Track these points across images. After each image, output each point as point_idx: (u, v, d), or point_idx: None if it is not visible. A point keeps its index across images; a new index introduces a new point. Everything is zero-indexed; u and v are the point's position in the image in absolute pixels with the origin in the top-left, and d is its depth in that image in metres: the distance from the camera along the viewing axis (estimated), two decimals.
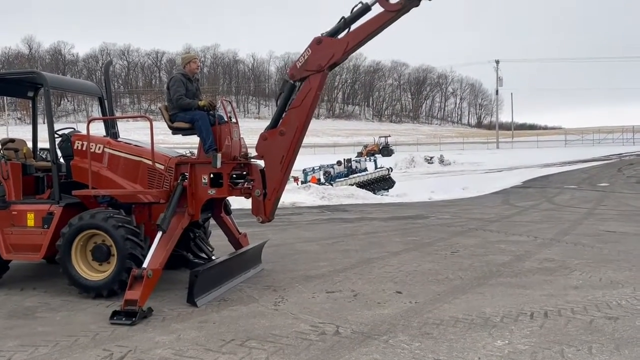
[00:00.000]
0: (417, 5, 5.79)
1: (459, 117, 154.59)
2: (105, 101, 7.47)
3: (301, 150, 6.51)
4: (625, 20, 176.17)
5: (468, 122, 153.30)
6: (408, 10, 5.83)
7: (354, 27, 5.98)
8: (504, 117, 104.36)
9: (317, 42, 5.98)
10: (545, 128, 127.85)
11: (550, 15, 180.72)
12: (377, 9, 5.90)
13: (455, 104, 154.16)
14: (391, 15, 5.82)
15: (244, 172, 6.53)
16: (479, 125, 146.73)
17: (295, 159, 6.37)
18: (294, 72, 6.10)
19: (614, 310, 5.14)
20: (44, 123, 6.84)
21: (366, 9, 5.90)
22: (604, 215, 12.18)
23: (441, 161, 35.53)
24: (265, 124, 6.67)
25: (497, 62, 69.48)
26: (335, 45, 5.97)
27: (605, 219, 11.45)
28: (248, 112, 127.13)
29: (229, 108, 6.53)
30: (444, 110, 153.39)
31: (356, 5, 5.94)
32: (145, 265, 5.49)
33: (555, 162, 34.08)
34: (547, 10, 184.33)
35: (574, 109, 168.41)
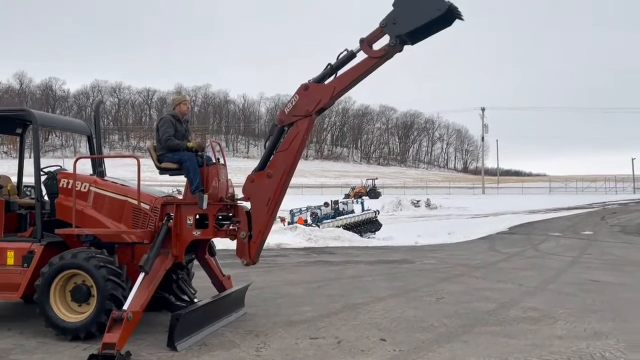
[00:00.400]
0: (400, 51, 5.97)
1: (445, 161, 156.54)
2: (94, 139, 7.49)
3: (288, 190, 6.54)
4: (609, 72, 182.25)
5: (454, 166, 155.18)
6: (391, 56, 6.00)
7: (340, 72, 6.14)
8: (490, 163, 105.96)
9: (305, 88, 6.11)
10: (530, 175, 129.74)
11: (536, 66, 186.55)
12: (362, 56, 6.07)
13: (442, 148, 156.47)
14: (375, 61, 5.98)
15: (230, 214, 6.52)
16: (465, 170, 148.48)
17: (281, 201, 6.39)
18: (282, 118, 6.20)
19: None
20: (30, 157, 6.81)
21: (351, 55, 6.07)
22: (588, 263, 12.25)
23: (428, 205, 35.73)
24: (254, 163, 6.72)
25: (483, 109, 71.05)
26: (322, 91, 6.10)
27: (589, 268, 11.51)
28: (237, 152, 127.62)
29: (217, 149, 6.58)
30: (431, 154, 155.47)
31: (342, 52, 6.11)
32: (125, 307, 5.39)
33: (540, 209, 34.43)
34: (533, 60, 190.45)
35: (558, 156, 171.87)
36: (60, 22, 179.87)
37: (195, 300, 6.82)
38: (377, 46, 5.98)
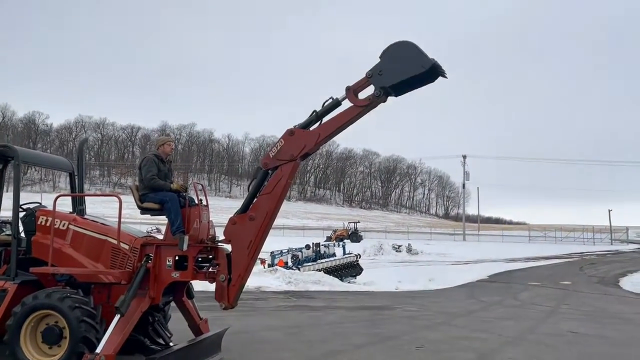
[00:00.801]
0: (384, 102, 6.11)
1: (427, 207, 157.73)
2: (76, 177, 7.44)
3: (270, 231, 6.52)
4: (588, 127, 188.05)
5: (436, 212, 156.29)
6: (375, 106, 6.12)
7: (325, 119, 6.25)
8: (471, 210, 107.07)
9: (290, 133, 6.20)
10: (511, 223, 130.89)
11: (518, 116, 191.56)
12: (347, 104, 6.20)
13: (424, 194, 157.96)
14: (359, 110, 6.10)
15: (210, 256, 6.47)
16: (447, 216, 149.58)
17: (263, 244, 6.36)
18: (267, 161, 6.26)
19: None
20: (7, 191, 6.73)
21: (336, 104, 6.18)
22: (567, 314, 12.28)
23: (409, 250, 35.70)
24: (236, 203, 6.73)
25: (464, 157, 72.26)
26: (307, 137, 6.19)
27: (567, 319, 11.54)
28: (219, 191, 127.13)
29: (200, 189, 6.58)
30: (413, 199, 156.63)
31: (327, 100, 6.23)
32: (98, 350, 5.25)
33: (520, 258, 34.62)
34: (516, 111, 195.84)
35: (538, 205, 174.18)
36: (47, 56, 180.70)
37: (171, 344, 6.67)
38: (362, 95, 6.13)
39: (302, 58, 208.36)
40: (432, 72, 5.85)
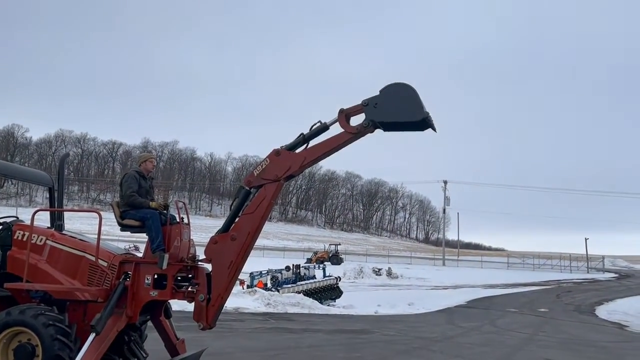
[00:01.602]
0: (372, 132, 6.16)
1: (407, 231, 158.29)
2: (56, 192, 7.35)
3: (251, 252, 6.48)
4: (567, 155, 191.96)
5: (416, 236, 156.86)
6: (363, 135, 6.18)
7: (312, 143, 6.29)
8: (451, 235, 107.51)
9: (276, 153, 6.22)
10: (490, 249, 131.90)
11: (499, 143, 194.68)
12: (334, 129, 6.26)
13: (405, 218, 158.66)
14: (348, 137, 6.15)
15: (190, 275, 6.40)
16: (427, 240, 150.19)
17: (243, 265, 6.33)
18: (251, 180, 6.27)
19: None
20: None
21: (324, 128, 6.24)
22: (544, 341, 12.36)
23: (389, 274, 35.68)
24: (216, 222, 6.70)
25: (445, 182, 72.91)
26: (293, 159, 6.22)
27: (545, 346, 11.61)
28: (200, 210, 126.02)
29: (181, 206, 6.54)
30: (394, 223, 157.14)
31: (315, 124, 6.28)
32: None
33: (498, 284, 34.83)
34: (496, 138, 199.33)
35: (517, 232, 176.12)
36: (28, 70, 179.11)
37: None
38: (354, 120, 6.18)
39: (286, 77, 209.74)
40: (422, 123, 5.96)
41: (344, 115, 6.13)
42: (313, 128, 6.25)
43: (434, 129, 6.14)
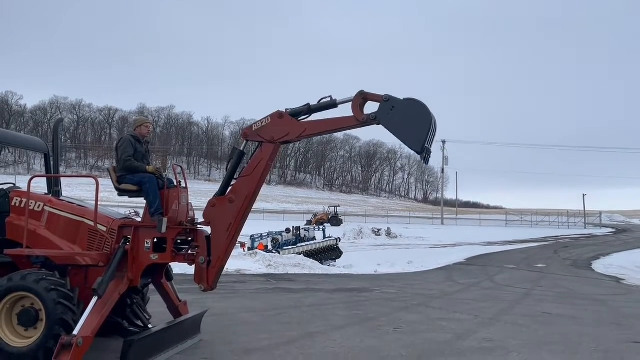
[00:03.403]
0: (377, 125, 5.99)
1: (406, 191, 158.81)
2: (51, 158, 7.30)
3: (250, 215, 6.50)
4: (564, 111, 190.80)
5: (415, 196, 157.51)
6: (368, 125, 6.02)
7: (316, 116, 6.18)
8: (449, 194, 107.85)
9: (279, 115, 6.14)
10: (488, 207, 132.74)
11: (497, 101, 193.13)
12: (342, 109, 6.07)
13: (403, 178, 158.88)
14: (355, 123, 6.00)
15: (189, 238, 6.43)
16: (425, 200, 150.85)
17: (242, 227, 6.35)
18: (248, 132, 6.22)
19: None
20: None
21: (332, 105, 6.10)
22: (541, 296, 12.57)
23: (388, 234, 36.02)
24: (215, 187, 6.65)
25: (444, 142, 72.66)
26: (293, 126, 6.14)
27: (542, 300, 11.81)
28: (199, 174, 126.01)
29: (179, 171, 6.52)
30: (392, 184, 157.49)
31: (325, 98, 6.13)
32: (75, 332, 5.20)
33: (497, 241, 35.22)
34: (494, 96, 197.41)
35: (515, 190, 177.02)
36: (22, 36, 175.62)
37: (150, 326, 6.66)
38: (367, 109, 5.99)
39: (287, 42, 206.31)
40: (419, 151, 5.83)
41: (361, 98, 5.94)
42: (321, 101, 6.13)
43: (426, 163, 6.05)
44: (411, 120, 5.78)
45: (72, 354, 4.99)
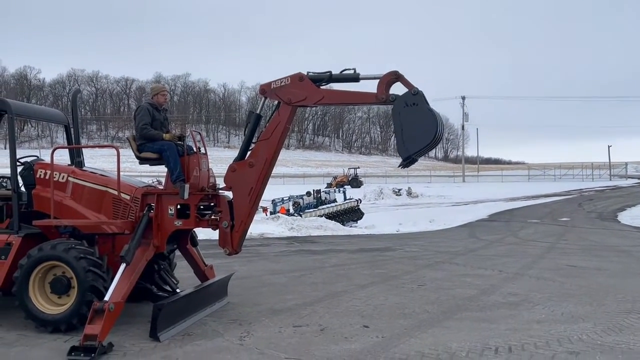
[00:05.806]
0: (392, 104, 5.84)
1: None
2: (72, 129, 7.36)
3: (270, 180, 6.52)
4: (587, 62, 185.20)
5: (435, 155, 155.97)
6: (384, 105, 5.91)
7: (337, 86, 6.08)
8: (470, 152, 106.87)
9: (300, 78, 6.04)
10: (510, 163, 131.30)
11: (516, 56, 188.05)
12: (361, 85, 5.96)
13: None
14: (373, 100, 5.91)
15: (212, 204, 6.47)
16: (446, 159, 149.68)
17: (263, 190, 6.37)
18: (265, 89, 6.16)
19: (575, 345, 5.24)
20: (5, 149, 6.68)
21: (355, 79, 5.99)
22: (566, 249, 12.49)
23: (409, 193, 35.97)
24: (235, 153, 6.66)
25: (464, 98, 71.53)
26: (312, 92, 6.04)
27: (566, 254, 11.74)
28: (218, 142, 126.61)
29: (198, 139, 6.52)
30: None
31: (348, 69, 6.02)
32: (107, 298, 5.34)
33: (519, 197, 34.92)
34: (514, 50, 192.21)
35: (537, 144, 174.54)
36: (37, 9, 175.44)
37: (178, 290, 6.80)
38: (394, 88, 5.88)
39: (299, 6, 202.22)
40: (403, 158, 5.74)
41: (394, 77, 5.78)
42: (344, 72, 6.02)
43: (401, 167, 5.99)
44: (418, 129, 5.65)
45: (105, 319, 5.14)
